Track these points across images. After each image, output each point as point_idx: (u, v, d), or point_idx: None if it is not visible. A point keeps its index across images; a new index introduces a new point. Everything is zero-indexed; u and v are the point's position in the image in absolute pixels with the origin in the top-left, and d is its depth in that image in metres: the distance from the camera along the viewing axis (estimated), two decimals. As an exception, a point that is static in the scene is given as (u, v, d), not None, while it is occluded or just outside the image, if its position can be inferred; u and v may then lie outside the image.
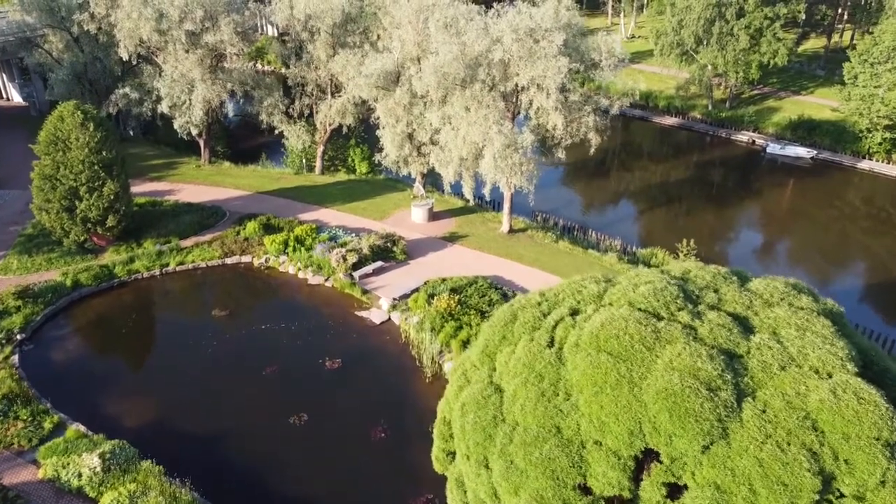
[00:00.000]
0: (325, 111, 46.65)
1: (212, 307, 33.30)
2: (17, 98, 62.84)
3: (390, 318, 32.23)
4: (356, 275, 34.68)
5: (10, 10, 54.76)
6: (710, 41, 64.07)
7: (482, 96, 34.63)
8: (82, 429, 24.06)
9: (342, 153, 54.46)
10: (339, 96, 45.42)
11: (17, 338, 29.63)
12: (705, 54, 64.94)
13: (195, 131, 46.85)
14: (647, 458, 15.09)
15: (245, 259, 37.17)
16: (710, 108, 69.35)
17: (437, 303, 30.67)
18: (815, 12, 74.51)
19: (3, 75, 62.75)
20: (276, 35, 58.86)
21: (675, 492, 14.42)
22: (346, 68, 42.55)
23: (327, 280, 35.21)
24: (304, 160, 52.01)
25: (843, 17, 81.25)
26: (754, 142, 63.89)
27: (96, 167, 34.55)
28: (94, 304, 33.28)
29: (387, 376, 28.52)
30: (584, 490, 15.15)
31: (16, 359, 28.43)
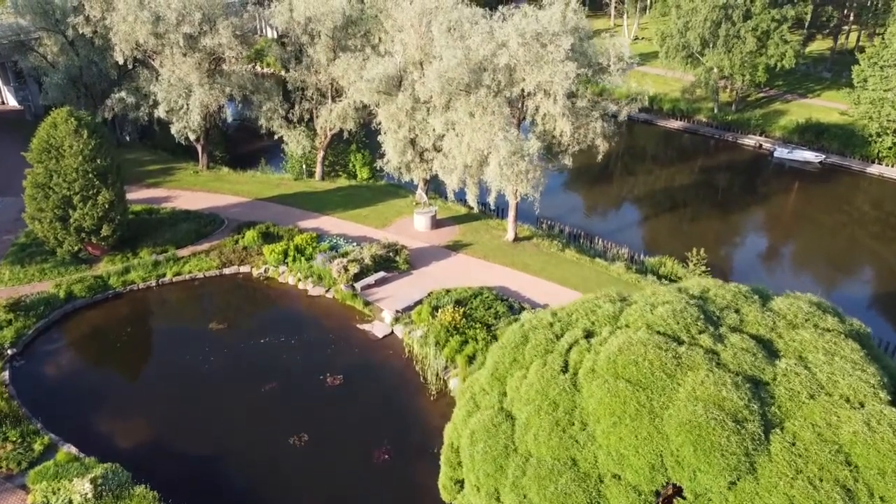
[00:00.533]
0: (326, 116, 45.81)
1: (209, 320, 32.35)
2: (12, 102, 62.05)
3: (393, 332, 31.28)
4: (358, 286, 33.78)
5: (3, 12, 53.90)
6: (717, 43, 63.19)
7: (487, 102, 33.71)
8: (74, 451, 23.13)
9: (343, 158, 53.65)
10: (340, 101, 44.55)
11: (8, 353, 28.65)
12: (711, 57, 64.03)
13: (193, 136, 45.96)
14: (670, 495, 14.26)
15: (244, 269, 36.24)
16: (715, 111, 68.44)
17: (442, 315, 29.75)
18: (821, 13, 73.64)
19: (-1, 79, 62.00)
20: (275, 37, 57.93)
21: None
22: (347, 72, 41.64)
23: (328, 291, 34.28)
24: (304, 165, 51.15)
25: (850, 19, 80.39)
26: (761, 146, 63.01)
27: (90, 175, 33.68)
28: (88, 317, 32.35)
29: (390, 393, 27.57)
30: (603, 529, 14.31)
31: (6, 375, 27.44)
